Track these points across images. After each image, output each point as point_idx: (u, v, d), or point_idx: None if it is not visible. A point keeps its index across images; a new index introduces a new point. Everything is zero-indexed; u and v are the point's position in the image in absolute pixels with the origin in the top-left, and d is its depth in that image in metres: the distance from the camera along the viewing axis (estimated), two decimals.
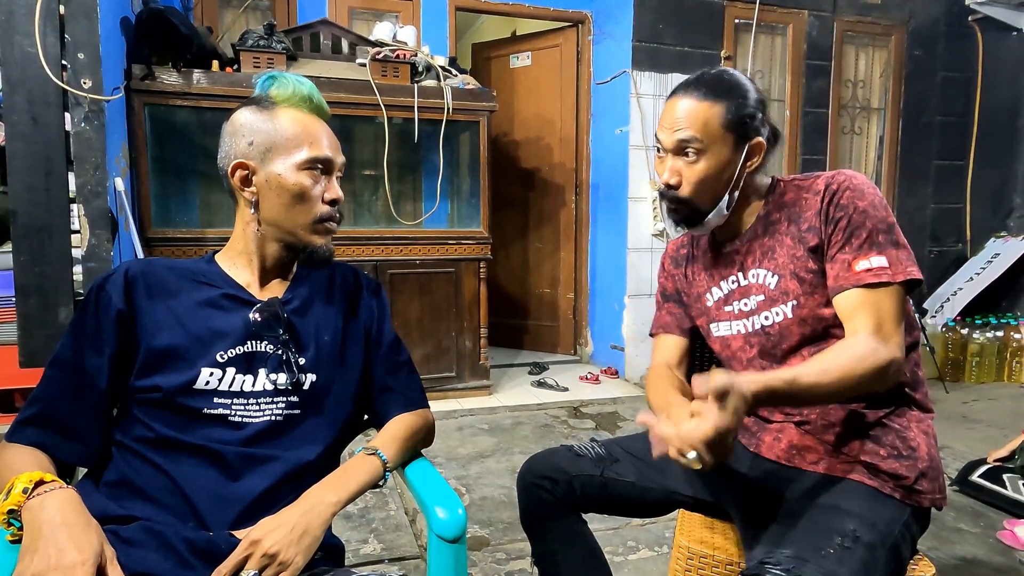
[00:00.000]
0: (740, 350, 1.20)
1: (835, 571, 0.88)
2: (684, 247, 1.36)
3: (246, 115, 1.04)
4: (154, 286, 1.01)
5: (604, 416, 3.45)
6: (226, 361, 0.99)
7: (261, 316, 1.02)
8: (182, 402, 0.97)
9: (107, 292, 0.98)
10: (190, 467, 0.95)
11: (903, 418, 1.09)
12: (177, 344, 0.98)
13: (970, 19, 4.54)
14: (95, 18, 2.27)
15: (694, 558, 1.16)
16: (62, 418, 0.95)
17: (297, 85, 1.05)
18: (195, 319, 1.00)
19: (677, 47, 3.99)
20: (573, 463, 1.25)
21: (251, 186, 1.02)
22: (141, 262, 1.04)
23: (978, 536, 2.17)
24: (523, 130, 4.67)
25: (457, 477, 2.60)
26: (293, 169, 1.01)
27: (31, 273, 2.27)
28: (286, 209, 1.02)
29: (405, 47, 3.40)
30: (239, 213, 1.06)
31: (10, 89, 2.19)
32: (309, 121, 1.04)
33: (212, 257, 1.09)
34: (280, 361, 1.03)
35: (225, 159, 1.04)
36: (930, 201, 4.68)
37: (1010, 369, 4.20)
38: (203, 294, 1.03)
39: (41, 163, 2.24)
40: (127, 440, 0.97)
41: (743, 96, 1.12)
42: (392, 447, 1.07)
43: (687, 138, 1.12)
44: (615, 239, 4.18)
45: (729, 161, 1.13)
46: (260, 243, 1.06)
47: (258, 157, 1.01)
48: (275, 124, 1.02)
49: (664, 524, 2.17)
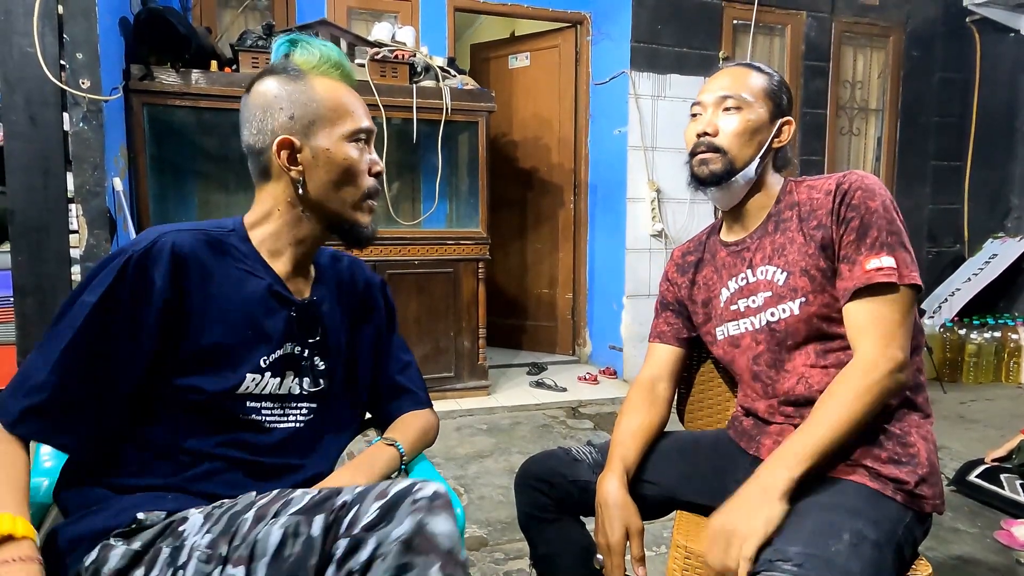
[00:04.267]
0: (747, 348, 1.20)
1: (846, 567, 0.88)
2: (691, 253, 1.36)
3: (275, 86, 0.94)
4: (202, 268, 0.90)
5: (602, 416, 3.45)
6: (267, 366, 0.94)
7: (303, 318, 0.98)
8: (221, 406, 0.91)
9: (150, 274, 0.86)
10: (220, 466, 0.91)
11: (903, 423, 1.10)
12: (224, 343, 0.90)
13: (968, 20, 4.55)
14: (94, 18, 2.27)
15: (692, 558, 1.16)
16: (77, 414, 0.84)
17: (324, 50, 0.97)
18: (242, 315, 0.92)
19: (675, 48, 3.99)
20: (570, 467, 1.25)
21: (297, 164, 0.94)
22: (182, 234, 0.90)
23: (975, 536, 2.17)
24: (521, 130, 4.67)
25: (455, 477, 2.60)
26: (340, 142, 0.95)
27: (29, 273, 2.27)
28: (336, 186, 0.95)
29: (404, 48, 3.40)
30: (272, 194, 0.97)
31: (8, 89, 2.19)
32: (343, 89, 0.97)
33: (244, 231, 0.98)
34: (311, 366, 1.00)
35: (260, 136, 0.94)
36: (928, 202, 4.69)
37: (1007, 370, 4.21)
38: (249, 286, 0.94)
39: (39, 163, 2.24)
40: (152, 440, 0.90)
41: (779, 80, 1.22)
42: (409, 442, 1.06)
43: (730, 94, 1.17)
44: (613, 239, 4.19)
45: (763, 125, 1.18)
46: (300, 226, 0.98)
47: (301, 131, 0.93)
48: (312, 94, 0.94)
49: (662, 524, 2.18)
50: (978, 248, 4.72)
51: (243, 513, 0.80)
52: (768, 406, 1.18)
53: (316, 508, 0.77)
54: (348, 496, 0.78)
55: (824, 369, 1.11)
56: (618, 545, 1.11)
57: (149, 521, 0.82)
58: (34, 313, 2.28)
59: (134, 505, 0.85)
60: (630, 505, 1.14)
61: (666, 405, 1.32)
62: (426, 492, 0.77)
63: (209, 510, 0.83)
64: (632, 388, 1.33)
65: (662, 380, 1.33)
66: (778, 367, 1.16)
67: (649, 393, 1.31)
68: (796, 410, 1.14)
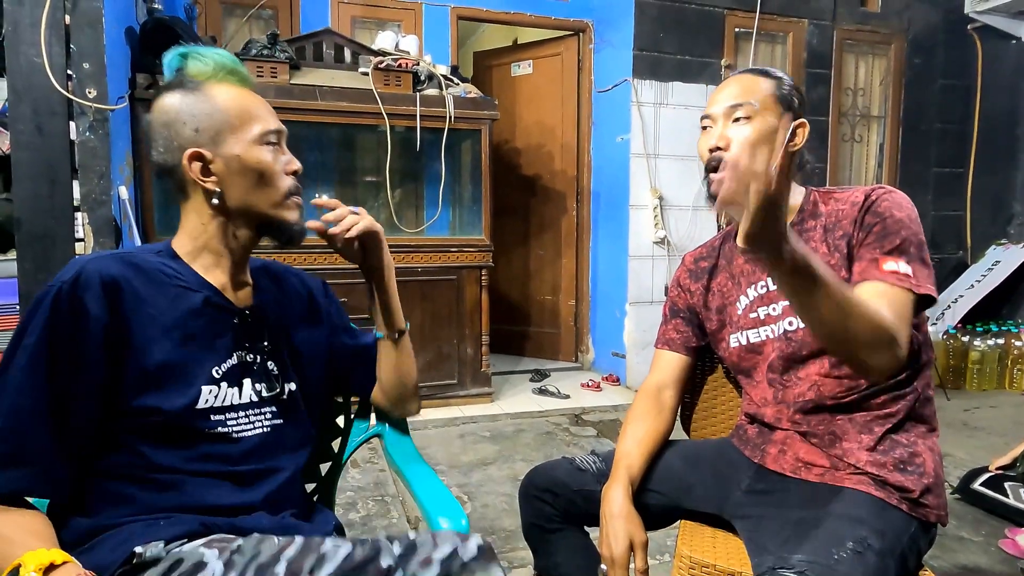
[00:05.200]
0: (768, 355, 1.19)
1: (850, 575, 0.89)
2: (704, 259, 1.35)
3: (174, 101, 0.93)
4: (133, 291, 0.89)
5: (605, 424, 3.45)
6: (221, 376, 0.94)
7: (249, 325, 0.99)
8: (182, 424, 0.89)
9: (83, 304, 0.84)
10: (195, 486, 0.90)
11: (910, 434, 1.10)
12: (170, 359, 0.89)
13: (969, 27, 4.57)
14: (100, 28, 2.29)
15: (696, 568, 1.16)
16: (42, 456, 0.82)
17: (218, 58, 0.95)
18: (183, 330, 0.92)
19: (678, 55, 4.00)
20: (575, 478, 1.25)
21: (211, 175, 0.93)
22: (103, 260, 0.88)
23: (980, 545, 2.17)
24: (524, 138, 4.68)
25: (459, 485, 2.60)
26: (251, 146, 0.94)
27: (35, 281, 2.28)
28: (254, 190, 0.95)
29: (407, 56, 3.42)
30: (194, 208, 0.96)
31: (16, 98, 2.21)
32: (243, 94, 0.96)
33: (172, 251, 0.98)
34: (265, 371, 1.00)
35: (168, 154, 0.93)
36: (930, 208, 4.69)
37: (1011, 377, 4.20)
38: (185, 301, 0.93)
39: (46, 172, 2.25)
40: (118, 469, 0.88)
41: (790, 82, 1.20)
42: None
43: (739, 103, 1.15)
44: (616, 246, 4.19)
45: (776, 132, 1.15)
46: (228, 235, 0.97)
47: (209, 142, 0.92)
48: (214, 104, 0.93)
49: (666, 533, 2.16)
50: (981, 255, 4.72)
51: (271, 566, 0.78)
52: (776, 412, 1.17)
53: (358, 572, 0.79)
54: (390, 560, 0.79)
55: (838, 380, 1.11)
56: (622, 557, 1.11)
57: (149, 554, 0.80)
58: None
59: (127, 538, 0.83)
60: (634, 517, 1.14)
61: (672, 413, 1.32)
62: (471, 550, 0.81)
63: (228, 556, 0.80)
64: (638, 395, 1.33)
65: (668, 387, 1.33)
66: (791, 374, 1.15)
67: (655, 401, 1.31)
68: (804, 417, 1.14)
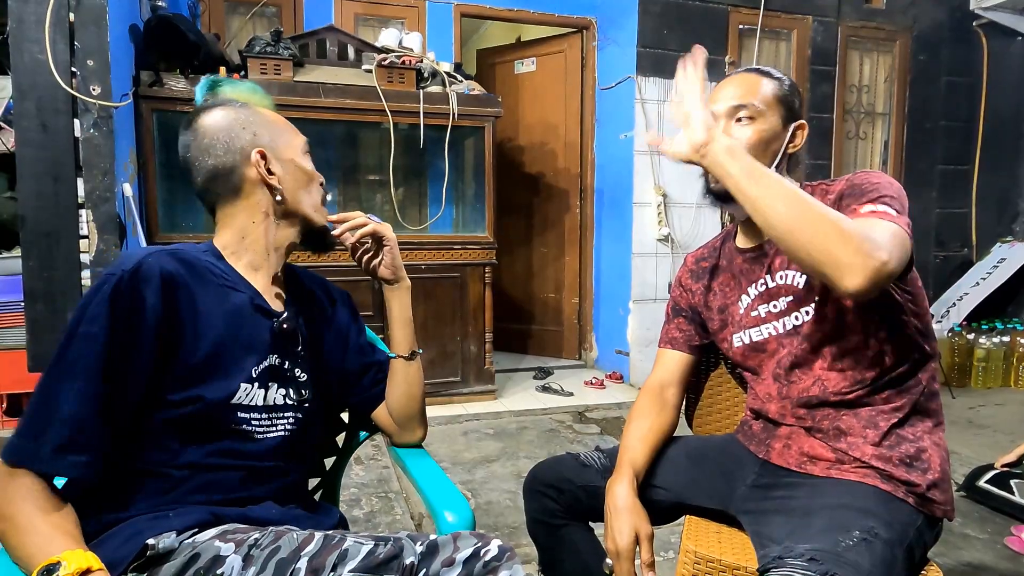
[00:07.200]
0: (773, 352, 1.19)
1: (856, 563, 0.88)
2: (705, 259, 1.35)
3: (227, 112, 1.01)
4: (187, 287, 0.93)
5: (609, 421, 3.45)
6: (257, 376, 0.97)
7: (285, 331, 1.01)
8: (217, 415, 0.93)
9: (141, 294, 0.86)
10: (214, 475, 0.93)
11: (916, 428, 1.10)
12: (217, 353, 0.93)
13: (975, 24, 4.54)
14: (104, 25, 2.29)
15: (701, 563, 1.16)
16: (98, 443, 0.84)
17: (246, 85, 1.08)
18: (229, 328, 0.95)
19: (681, 53, 3.94)
20: (579, 473, 1.26)
21: (273, 175, 1.00)
22: (163, 255, 0.91)
23: (985, 542, 2.16)
24: (528, 135, 4.68)
25: (463, 482, 2.60)
26: (299, 154, 1.04)
27: (40, 278, 2.29)
28: (305, 192, 1.04)
29: (411, 53, 3.42)
30: (245, 208, 1.00)
31: (20, 96, 2.21)
32: (277, 114, 1.06)
33: (217, 251, 1.01)
34: (293, 378, 1.03)
35: (229, 155, 0.98)
36: (935, 206, 4.67)
37: (1016, 374, 4.18)
38: (232, 300, 0.97)
39: (50, 169, 2.26)
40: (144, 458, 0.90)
41: (790, 84, 1.21)
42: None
43: (742, 103, 1.16)
44: (620, 244, 4.19)
45: (778, 134, 1.17)
46: (275, 235, 1.02)
47: (269, 145, 1.01)
48: (263, 116, 1.03)
49: (670, 529, 2.17)
50: (986, 252, 4.70)
51: (293, 562, 0.80)
52: (780, 407, 1.17)
53: (382, 569, 0.80)
54: (413, 557, 0.82)
55: (841, 372, 1.11)
56: (627, 550, 1.11)
57: (162, 546, 0.81)
58: (44, 318, 2.29)
59: (138, 531, 0.84)
60: (639, 509, 1.14)
61: (675, 411, 1.32)
62: (493, 552, 0.86)
63: (246, 551, 0.82)
64: (641, 393, 1.33)
65: (671, 386, 1.33)
66: (797, 369, 1.15)
67: (658, 398, 1.31)
68: (808, 412, 1.14)
